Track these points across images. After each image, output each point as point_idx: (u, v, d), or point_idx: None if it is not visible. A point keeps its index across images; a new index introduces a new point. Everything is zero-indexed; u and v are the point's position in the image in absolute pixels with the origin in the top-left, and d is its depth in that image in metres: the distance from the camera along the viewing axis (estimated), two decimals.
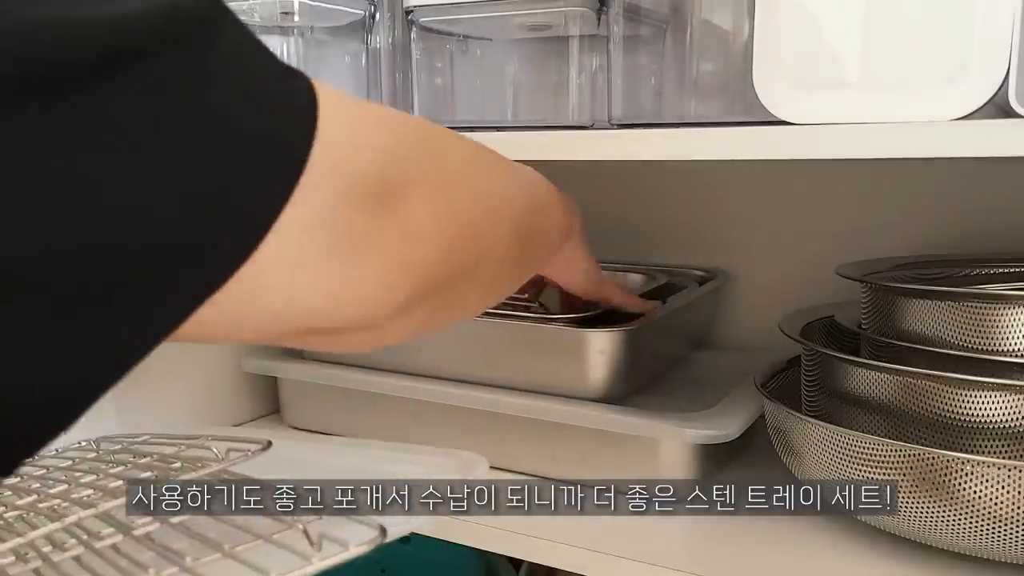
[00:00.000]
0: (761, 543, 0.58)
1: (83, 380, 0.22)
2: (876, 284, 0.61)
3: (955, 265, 0.65)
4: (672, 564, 0.56)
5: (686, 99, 0.62)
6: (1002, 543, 0.50)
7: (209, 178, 0.22)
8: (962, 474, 0.49)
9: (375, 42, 0.78)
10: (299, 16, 0.75)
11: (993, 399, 0.52)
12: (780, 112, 0.49)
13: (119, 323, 0.22)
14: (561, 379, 0.67)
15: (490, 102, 0.74)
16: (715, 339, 0.89)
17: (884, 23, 0.48)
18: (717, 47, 0.61)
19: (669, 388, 0.75)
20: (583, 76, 0.65)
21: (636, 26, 0.62)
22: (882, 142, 0.46)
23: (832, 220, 0.82)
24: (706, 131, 0.53)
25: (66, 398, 0.21)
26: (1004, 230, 0.74)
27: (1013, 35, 0.43)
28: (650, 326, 0.70)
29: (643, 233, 0.92)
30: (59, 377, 0.21)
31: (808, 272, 0.77)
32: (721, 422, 0.62)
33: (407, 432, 0.75)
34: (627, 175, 0.90)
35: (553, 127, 0.67)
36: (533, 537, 0.60)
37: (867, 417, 0.57)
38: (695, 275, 0.85)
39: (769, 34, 0.50)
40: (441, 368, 0.73)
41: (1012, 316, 0.52)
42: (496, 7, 0.64)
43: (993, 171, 0.74)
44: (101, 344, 0.22)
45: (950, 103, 0.45)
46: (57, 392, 0.21)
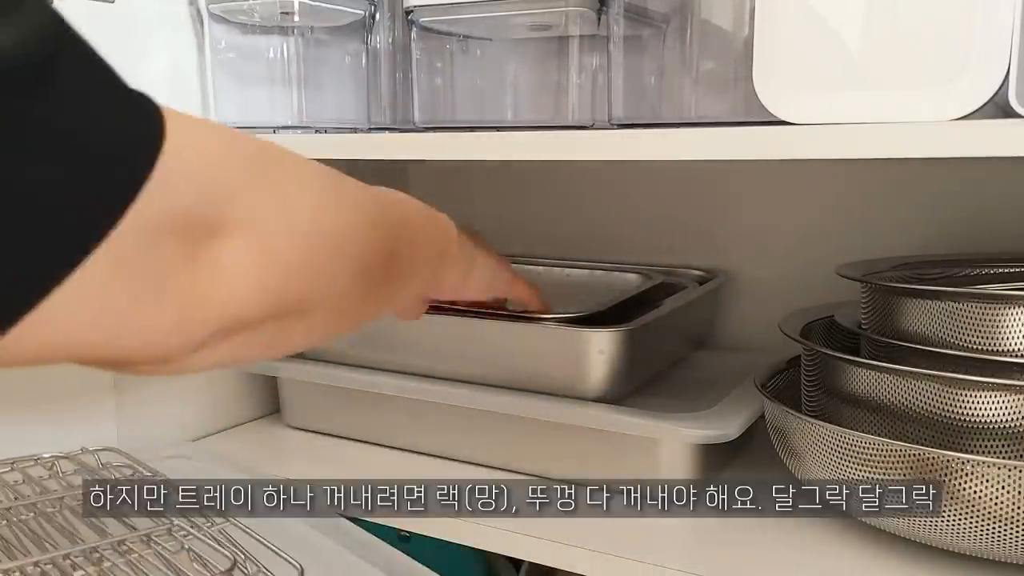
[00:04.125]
0: (761, 543, 0.58)
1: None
2: (876, 284, 0.61)
3: (955, 265, 0.65)
4: (672, 564, 0.55)
5: (686, 99, 0.62)
6: (1002, 543, 0.50)
7: (12, 218, 0.22)
8: (962, 474, 0.49)
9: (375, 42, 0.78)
10: (299, 16, 0.75)
11: (993, 399, 0.52)
12: (780, 112, 0.49)
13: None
14: (561, 379, 0.67)
15: (490, 102, 0.74)
16: (715, 339, 0.89)
17: (884, 23, 0.48)
18: (717, 47, 0.61)
19: (669, 388, 0.75)
20: (583, 76, 0.65)
21: (636, 26, 0.62)
22: (882, 142, 0.46)
23: (832, 220, 0.82)
24: (706, 131, 0.53)
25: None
26: (1004, 230, 0.74)
27: (1013, 35, 0.43)
28: (650, 326, 0.70)
29: (643, 233, 0.92)
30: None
31: (808, 272, 0.77)
32: (721, 422, 0.62)
33: (407, 432, 0.75)
34: (627, 175, 0.90)
35: (553, 127, 0.67)
36: (533, 537, 0.60)
37: (867, 417, 0.57)
38: (695, 275, 0.85)
39: (769, 34, 0.50)
40: (441, 368, 0.73)
41: (1012, 316, 0.52)
42: (496, 7, 0.64)
43: (993, 171, 0.74)
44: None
45: (950, 103, 0.45)
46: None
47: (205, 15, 0.77)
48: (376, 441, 0.77)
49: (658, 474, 0.63)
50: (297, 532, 0.59)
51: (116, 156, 0.25)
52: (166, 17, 0.78)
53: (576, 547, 0.58)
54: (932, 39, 0.47)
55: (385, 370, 0.75)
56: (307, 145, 0.74)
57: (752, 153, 0.52)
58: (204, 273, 0.29)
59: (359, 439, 0.78)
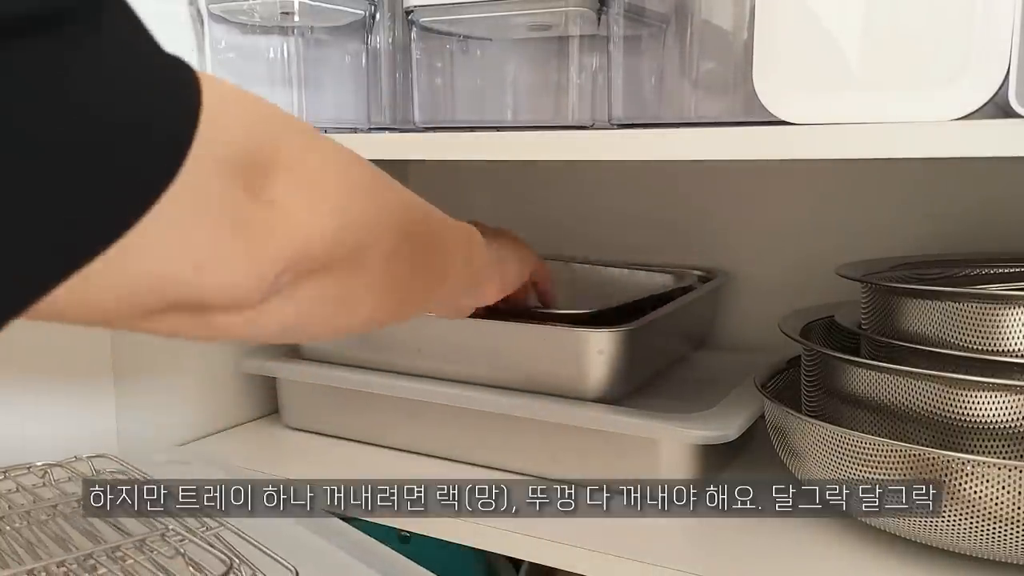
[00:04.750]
0: (761, 543, 0.58)
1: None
2: (876, 284, 0.61)
3: (955, 265, 0.65)
4: (672, 564, 0.55)
5: (686, 99, 0.62)
6: (1002, 543, 0.50)
7: (85, 162, 0.24)
8: (962, 474, 0.49)
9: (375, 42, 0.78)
10: (299, 16, 0.75)
11: (993, 399, 0.52)
12: (780, 112, 0.49)
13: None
14: (561, 379, 0.67)
15: (490, 102, 0.74)
16: (715, 339, 0.89)
17: (884, 23, 0.48)
18: (717, 47, 0.61)
19: (669, 388, 0.75)
20: (583, 76, 0.65)
21: (636, 26, 0.62)
22: (882, 142, 0.46)
23: (832, 220, 0.82)
24: (706, 131, 0.53)
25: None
26: (1004, 230, 0.74)
27: (1013, 35, 0.43)
28: (650, 326, 0.70)
29: (643, 233, 0.92)
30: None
31: (808, 272, 0.77)
32: (721, 422, 0.62)
33: (406, 432, 0.75)
34: (627, 175, 0.90)
35: (553, 127, 0.67)
36: (533, 537, 0.60)
37: (867, 417, 0.57)
38: (695, 275, 0.85)
39: (769, 34, 0.50)
40: (441, 368, 0.73)
41: (1012, 316, 0.52)
42: (496, 7, 0.64)
43: (993, 171, 0.74)
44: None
45: (950, 103, 0.45)
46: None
47: (205, 15, 0.77)
48: (376, 441, 0.77)
49: (658, 474, 0.63)
50: (292, 534, 0.59)
51: (169, 98, 0.26)
52: (166, 17, 0.77)
53: (576, 547, 0.58)
54: (932, 39, 0.47)
55: (384, 371, 0.75)
56: None
57: (752, 153, 0.52)
58: (265, 207, 0.30)
59: (358, 439, 0.78)
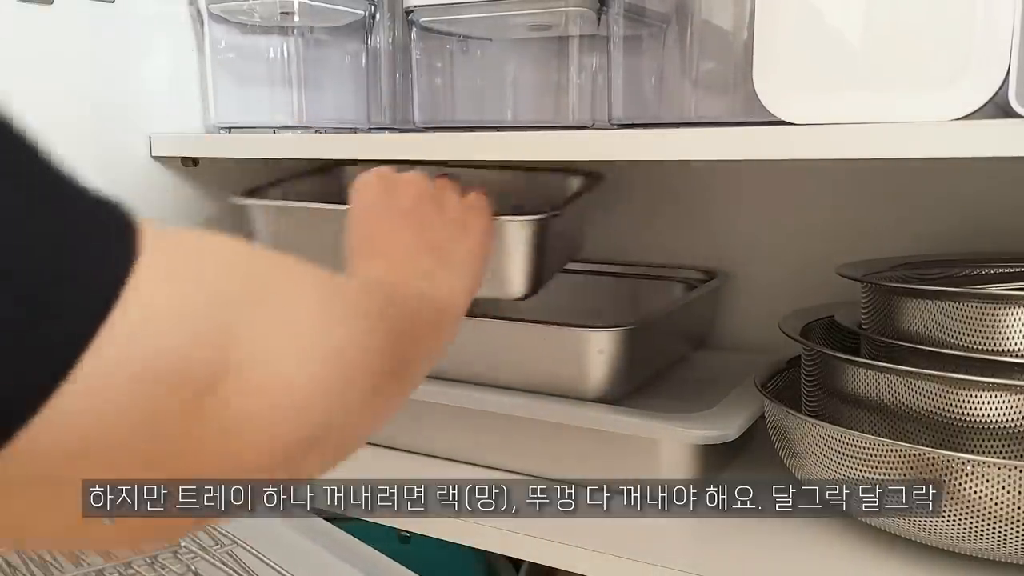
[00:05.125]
0: (761, 543, 0.58)
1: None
2: (876, 284, 0.61)
3: (955, 265, 0.65)
4: (672, 564, 0.55)
5: (686, 99, 0.62)
6: (1002, 543, 0.50)
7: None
8: (962, 474, 0.49)
9: (375, 42, 0.78)
10: (299, 16, 0.75)
11: (993, 399, 0.52)
12: (780, 112, 0.49)
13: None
14: (560, 379, 0.67)
15: (490, 102, 0.74)
16: (715, 339, 0.89)
17: (884, 23, 0.48)
18: (717, 47, 0.61)
19: (669, 388, 0.75)
20: (583, 76, 0.65)
21: (636, 26, 0.62)
22: (882, 142, 0.46)
23: (832, 220, 0.82)
24: (706, 131, 0.53)
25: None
26: (1004, 230, 0.74)
27: (1013, 35, 0.43)
28: (650, 326, 0.70)
29: (643, 233, 0.92)
30: None
31: (808, 272, 0.77)
32: (721, 422, 0.62)
33: (406, 432, 0.75)
34: (627, 175, 0.90)
35: (553, 127, 0.67)
36: (533, 537, 0.60)
37: (867, 417, 0.57)
38: (695, 275, 0.85)
39: (769, 34, 0.50)
40: (441, 368, 0.73)
41: (1012, 316, 0.52)
42: (496, 7, 0.64)
43: (993, 171, 0.74)
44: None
45: (950, 103, 0.45)
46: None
47: (205, 15, 0.77)
48: (375, 441, 0.77)
49: (658, 474, 0.63)
50: (306, 552, 0.58)
51: (94, 267, 0.23)
52: (166, 17, 0.78)
53: (576, 547, 0.58)
54: (932, 39, 0.47)
55: None
56: (307, 145, 0.74)
57: (752, 153, 0.52)
58: (210, 427, 0.26)
59: None
